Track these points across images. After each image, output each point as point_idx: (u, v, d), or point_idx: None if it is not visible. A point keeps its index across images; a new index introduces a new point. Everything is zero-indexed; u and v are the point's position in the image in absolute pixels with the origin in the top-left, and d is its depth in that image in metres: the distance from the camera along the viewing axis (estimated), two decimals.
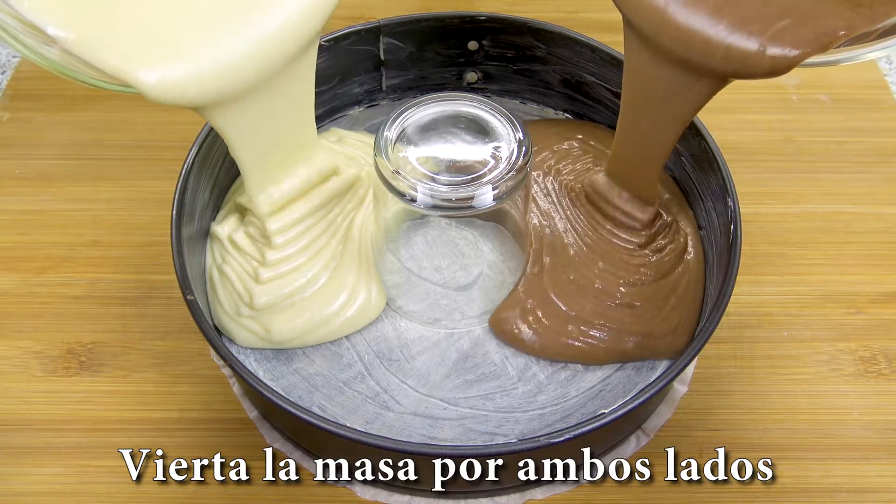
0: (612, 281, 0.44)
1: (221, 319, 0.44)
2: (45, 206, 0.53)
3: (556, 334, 0.43)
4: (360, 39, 0.50)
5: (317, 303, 0.43)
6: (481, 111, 0.41)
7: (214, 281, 0.45)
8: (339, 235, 0.45)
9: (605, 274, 0.44)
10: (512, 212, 0.43)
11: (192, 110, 0.36)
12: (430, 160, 0.40)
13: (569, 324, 0.43)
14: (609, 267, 0.44)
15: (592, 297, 0.43)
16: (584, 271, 0.44)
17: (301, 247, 0.44)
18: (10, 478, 0.42)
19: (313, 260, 0.44)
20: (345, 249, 0.45)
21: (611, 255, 0.45)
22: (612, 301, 0.43)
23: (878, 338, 0.48)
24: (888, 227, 0.52)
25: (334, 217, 0.45)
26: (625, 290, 0.44)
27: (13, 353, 0.47)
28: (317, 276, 0.44)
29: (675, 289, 0.44)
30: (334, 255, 0.45)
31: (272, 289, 0.43)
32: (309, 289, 0.44)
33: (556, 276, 0.44)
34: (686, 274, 0.45)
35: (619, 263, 0.44)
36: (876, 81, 0.60)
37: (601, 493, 0.42)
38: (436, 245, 0.46)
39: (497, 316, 0.44)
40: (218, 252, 0.45)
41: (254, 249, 0.44)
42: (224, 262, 0.45)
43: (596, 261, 0.44)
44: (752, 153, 0.56)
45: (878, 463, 0.43)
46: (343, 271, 0.44)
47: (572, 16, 0.65)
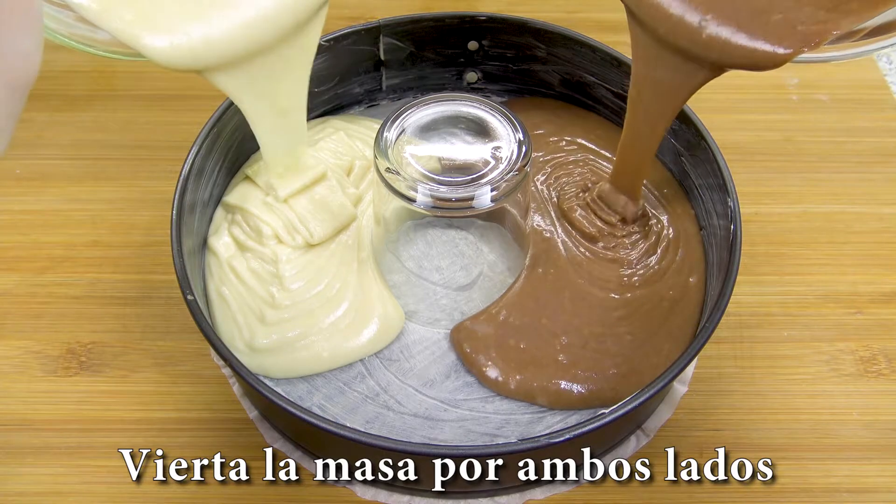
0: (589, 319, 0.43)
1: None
2: (45, 206, 0.53)
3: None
4: (360, 39, 0.50)
5: (336, 338, 0.43)
6: (481, 111, 0.41)
7: (212, 301, 0.44)
8: (352, 263, 0.44)
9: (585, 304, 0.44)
10: (512, 212, 0.43)
11: (198, 75, 0.37)
12: (429, 160, 0.40)
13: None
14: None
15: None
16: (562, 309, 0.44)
17: (313, 291, 0.43)
18: (10, 478, 0.42)
19: (330, 301, 0.43)
20: (360, 273, 0.44)
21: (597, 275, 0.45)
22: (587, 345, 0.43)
23: (878, 338, 0.48)
24: (888, 227, 0.52)
25: (343, 243, 0.45)
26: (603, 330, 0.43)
27: (13, 353, 0.47)
28: (333, 313, 0.43)
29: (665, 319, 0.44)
30: (353, 290, 0.43)
31: (279, 331, 0.42)
32: (325, 324, 0.43)
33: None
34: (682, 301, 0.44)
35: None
36: (876, 81, 0.60)
37: (601, 493, 0.42)
38: (436, 245, 0.46)
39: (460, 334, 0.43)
40: (216, 271, 0.45)
41: (258, 285, 0.43)
42: (223, 283, 0.44)
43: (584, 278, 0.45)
44: (752, 153, 0.56)
45: (878, 463, 0.43)
46: (363, 305, 0.43)
47: (572, 16, 0.65)
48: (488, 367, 0.42)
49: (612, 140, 0.51)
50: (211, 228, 0.46)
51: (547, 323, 0.43)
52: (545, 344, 0.42)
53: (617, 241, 0.46)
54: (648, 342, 0.42)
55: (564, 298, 0.44)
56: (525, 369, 0.42)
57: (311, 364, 0.42)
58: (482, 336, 0.43)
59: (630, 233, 0.46)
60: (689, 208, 0.48)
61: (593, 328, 0.43)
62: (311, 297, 0.43)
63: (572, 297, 0.44)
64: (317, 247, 0.44)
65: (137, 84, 0.60)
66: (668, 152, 0.49)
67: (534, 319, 0.43)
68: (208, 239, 0.46)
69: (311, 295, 0.43)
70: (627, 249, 0.46)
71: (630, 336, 0.43)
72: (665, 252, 0.46)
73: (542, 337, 0.43)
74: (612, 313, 0.43)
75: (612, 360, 0.42)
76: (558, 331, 0.43)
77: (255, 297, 0.43)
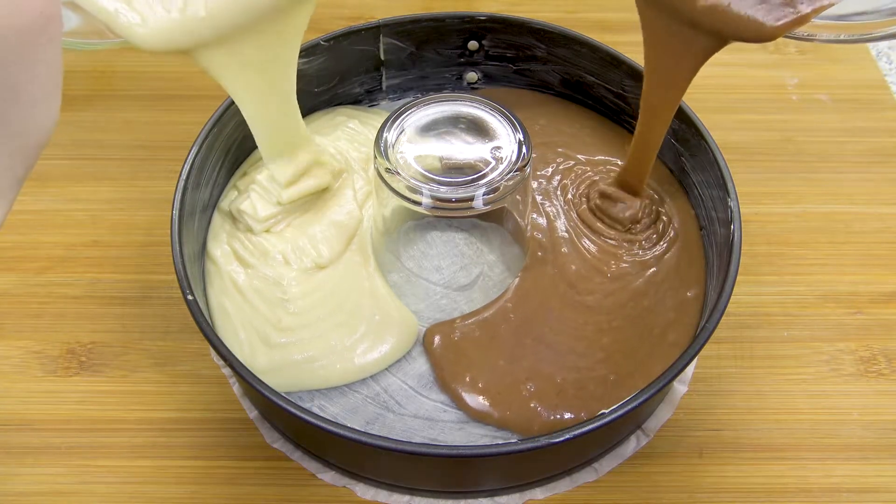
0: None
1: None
2: (44, 206, 0.53)
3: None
4: (360, 39, 0.50)
5: (351, 359, 0.42)
6: (481, 111, 0.41)
7: (212, 309, 0.43)
8: (364, 282, 0.43)
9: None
10: (512, 212, 0.43)
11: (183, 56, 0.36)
12: (430, 160, 0.40)
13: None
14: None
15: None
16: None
17: (326, 316, 0.42)
18: (10, 478, 0.42)
19: (343, 325, 0.42)
20: (372, 292, 0.43)
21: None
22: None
23: (878, 338, 0.48)
24: (888, 227, 0.52)
25: (351, 266, 0.44)
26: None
27: (13, 353, 0.47)
28: (349, 337, 0.42)
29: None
30: (369, 311, 0.42)
31: (284, 354, 0.41)
32: (339, 347, 0.42)
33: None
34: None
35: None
36: (876, 81, 0.60)
37: (601, 493, 0.42)
38: (436, 245, 0.46)
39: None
40: (216, 280, 0.44)
41: (262, 304, 0.42)
42: (224, 294, 0.43)
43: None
44: (752, 153, 0.56)
45: (878, 463, 0.43)
46: (380, 326, 0.42)
47: (572, 16, 0.65)
48: (464, 394, 0.41)
49: (612, 140, 0.51)
50: (210, 233, 0.46)
51: (531, 343, 0.42)
52: (520, 370, 0.42)
53: (622, 244, 0.46)
54: (629, 379, 0.41)
55: (553, 311, 0.43)
56: (499, 397, 0.41)
57: (320, 383, 0.42)
58: (456, 357, 0.42)
59: (637, 235, 0.46)
60: (690, 208, 0.48)
61: (576, 360, 0.42)
62: (324, 321, 0.42)
63: (560, 306, 0.43)
64: (326, 267, 0.44)
65: (137, 84, 0.60)
66: (668, 152, 0.49)
67: (517, 340, 0.42)
68: (207, 244, 0.45)
69: (323, 320, 0.42)
70: (631, 254, 0.45)
71: (612, 374, 0.42)
72: (664, 257, 0.46)
73: (519, 364, 0.42)
74: (600, 338, 0.43)
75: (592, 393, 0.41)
76: (536, 362, 0.42)
77: (259, 317, 0.42)
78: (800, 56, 0.62)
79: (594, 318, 0.43)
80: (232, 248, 0.45)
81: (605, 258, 0.45)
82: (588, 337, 0.42)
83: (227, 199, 0.46)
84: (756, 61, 0.61)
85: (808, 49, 0.62)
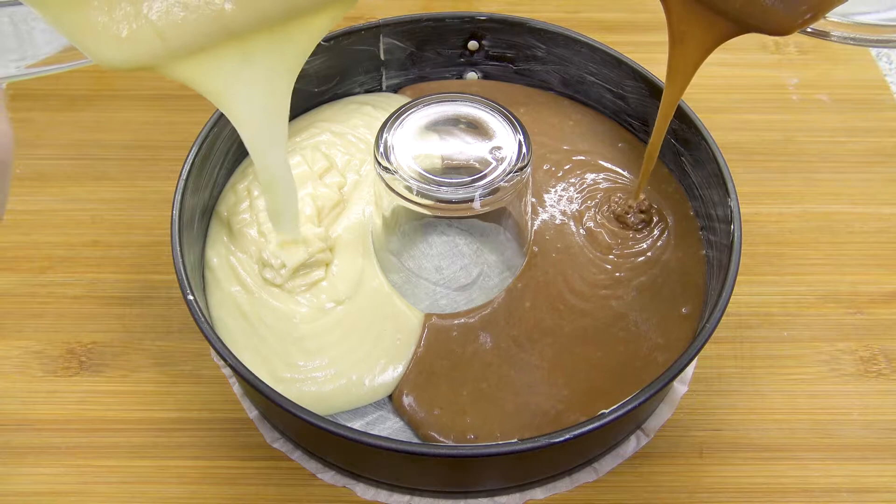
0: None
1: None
2: (45, 206, 0.53)
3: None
4: (360, 39, 0.50)
5: (366, 384, 0.41)
6: (481, 111, 0.41)
7: (213, 320, 0.42)
8: (385, 308, 0.42)
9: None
10: (512, 212, 0.43)
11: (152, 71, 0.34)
12: (430, 161, 0.40)
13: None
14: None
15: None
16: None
17: (344, 354, 0.41)
18: (10, 478, 0.42)
19: (363, 361, 0.41)
20: (395, 317, 0.41)
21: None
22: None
23: (878, 338, 0.48)
24: (888, 227, 0.52)
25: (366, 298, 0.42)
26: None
27: (13, 353, 0.47)
28: (370, 373, 0.41)
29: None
30: (390, 340, 0.41)
31: (294, 386, 0.40)
32: (354, 378, 0.40)
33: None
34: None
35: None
36: (876, 81, 0.60)
37: (601, 493, 0.42)
38: (436, 245, 0.46)
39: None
40: (216, 292, 0.43)
41: (271, 336, 0.41)
42: (224, 310, 0.42)
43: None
44: (752, 153, 0.56)
45: (878, 463, 0.43)
46: (399, 348, 0.41)
47: (572, 16, 0.65)
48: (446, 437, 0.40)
49: (612, 140, 0.51)
50: (208, 239, 0.45)
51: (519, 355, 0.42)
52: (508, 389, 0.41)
53: (621, 243, 0.46)
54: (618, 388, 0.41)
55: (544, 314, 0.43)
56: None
57: (327, 411, 0.40)
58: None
59: (636, 235, 0.46)
60: (690, 208, 0.48)
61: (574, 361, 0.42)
62: (343, 359, 0.41)
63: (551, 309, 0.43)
64: (345, 302, 0.42)
65: (137, 84, 0.60)
66: (668, 152, 0.49)
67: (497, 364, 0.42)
68: (206, 252, 0.45)
69: (342, 357, 0.41)
70: (631, 254, 0.45)
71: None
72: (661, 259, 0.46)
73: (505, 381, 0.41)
74: (596, 340, 0.42)
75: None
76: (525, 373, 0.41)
77: (266, 348, 0.41)
78: (800, 56, 0.62)
79: (592, 320, 0.43)
80: (231, 267, 0.43)
81: (604, 258, 0.45)
82: (587, 337, 0.42)
83: (225, 204, 0.46)
84: (756, 61, 0.61)
85: (809, 49, 0.62)
